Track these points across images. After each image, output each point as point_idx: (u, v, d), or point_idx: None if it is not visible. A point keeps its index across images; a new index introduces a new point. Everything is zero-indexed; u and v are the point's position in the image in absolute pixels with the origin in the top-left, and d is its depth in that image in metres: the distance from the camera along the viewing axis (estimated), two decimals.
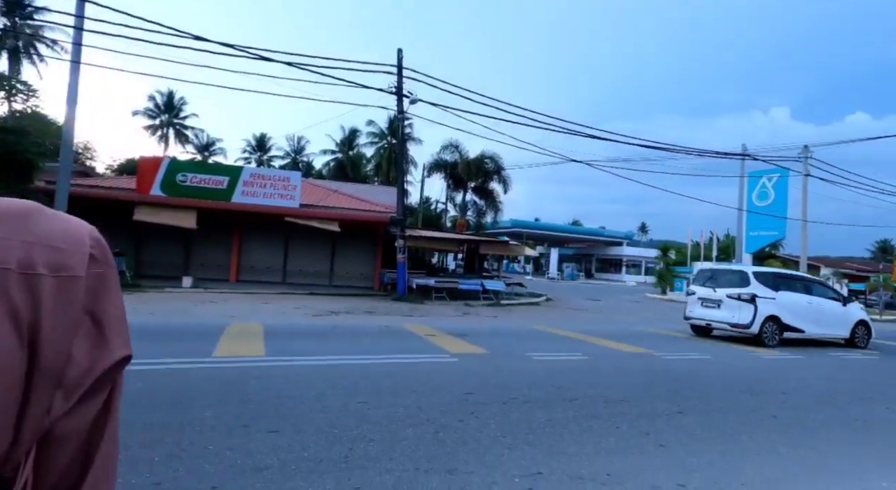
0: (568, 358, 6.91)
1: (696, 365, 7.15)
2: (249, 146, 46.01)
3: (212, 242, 17.04)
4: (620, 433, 3.84)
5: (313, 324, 9.03)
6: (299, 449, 3.16)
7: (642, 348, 8.19)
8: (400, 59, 15.13)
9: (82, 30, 10.91)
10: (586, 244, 53.06)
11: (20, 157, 11.76)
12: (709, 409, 4.76)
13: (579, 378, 5.67)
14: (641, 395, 5.11)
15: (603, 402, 4.68)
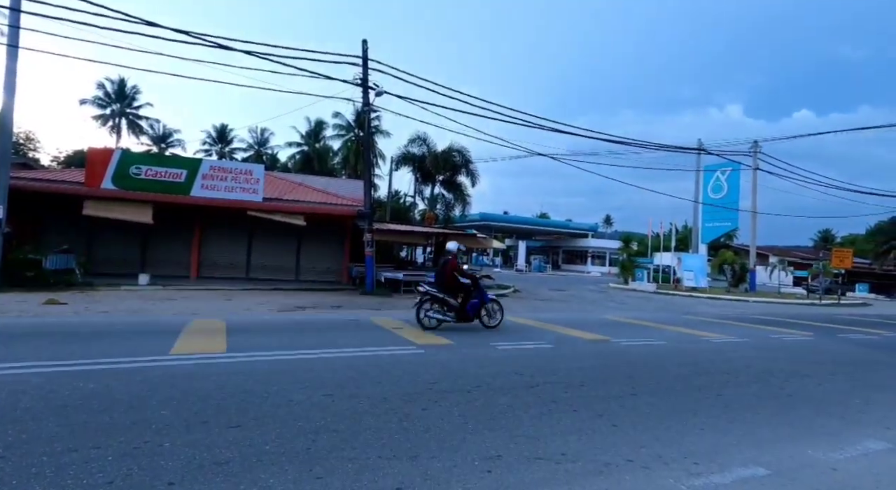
0: (532, 346, 7.10)
1: (651, 349, 7.50)
2: (210, 138, 44.31)
3: (170, 238, 16.41)
4: (577, 416, 4.01)
5: (278, 319, 8.89)
6: (261, 442, 3.15)
7: (603, 336, 8.51)
8: (365, 50, 14.92)
9: (19, 11, 10.20)
10: (553, 236, 54.27)
11: None
12: (659, 389, 5.02)
13: (542, 365, 5.86)
14: (599, 379, 5.34)
15: (563, 388, 4.86)
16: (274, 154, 44.87)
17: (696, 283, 25.33)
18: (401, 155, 23.94)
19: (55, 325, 7.19)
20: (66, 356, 5.08)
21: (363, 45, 14.93)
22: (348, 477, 2.74)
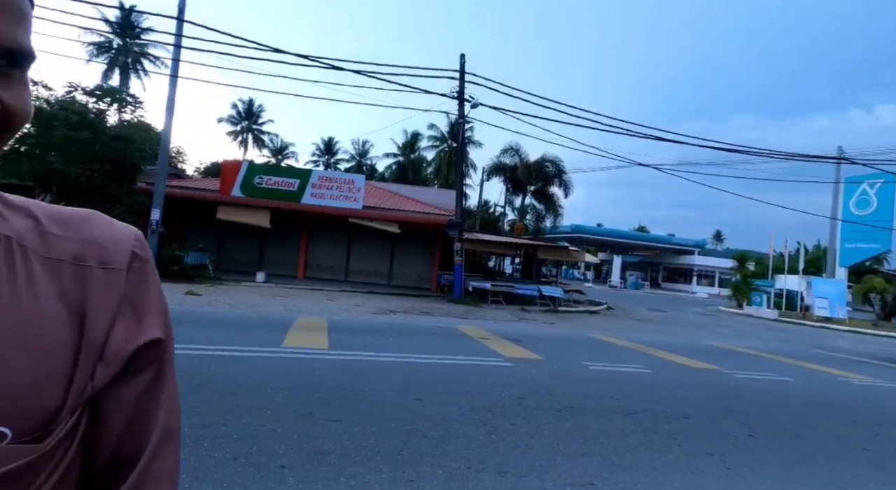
0: (627, 370, 6.66)
1: (773, 386, 6.60)
2: (318, 150, 48.56)
3: (282, 241, 18.23)
4: (681, 451, 3.67)
5: (373, 321, 9.40)
6: (359, 438, 3.35)
7: (711, 365, 7.69)
8: (462, 64, 15.34)
9: (180, 47, 12.17)
10: (653, 252, 50.24)
11: (127, 162, 13.31)
12: (784, 433, 4.40)
13: (639, 391, 5.46)
14: (707, 413, 4.83)
15: (664, 418, 4.48)
16: (373, 164, 47.84)
17: (831, 312, 21.75)
18: (492, 165, 24.09)
19: (192, 313, 8.37)
20: (201, 341, 5.88)
21: (461, 59, 15.37)
22: (438, 484, 2.80)
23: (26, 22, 0.39)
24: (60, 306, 0.45)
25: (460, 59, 15.38)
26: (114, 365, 0.47)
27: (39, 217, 0.48)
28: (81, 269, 0.47)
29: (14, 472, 0.41)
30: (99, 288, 0.47)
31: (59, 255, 0.47)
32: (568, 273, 46.59)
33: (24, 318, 0.43)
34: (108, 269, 0.48)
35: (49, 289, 0.45)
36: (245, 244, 18.26)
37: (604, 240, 46.83)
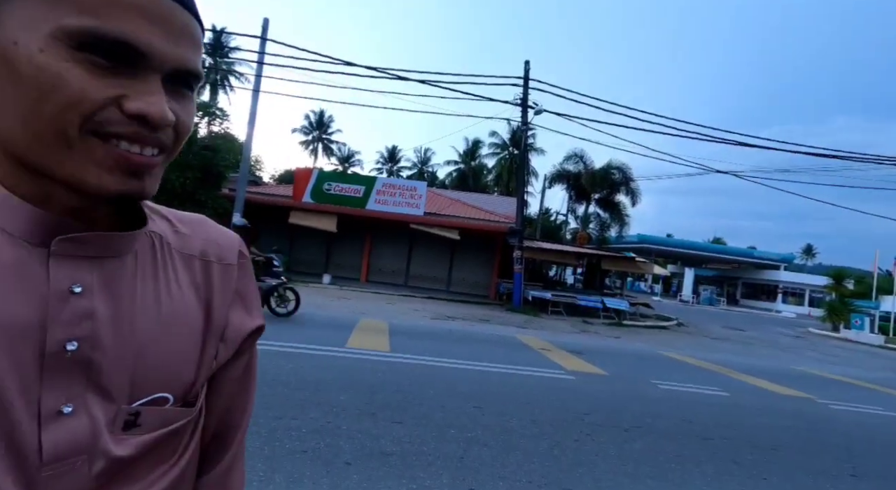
0: (702, 391, 6.17)
1: (878, 421, 5.82)
2: (382, 157, 50.30)
3: (347, 245, 19.00)
4: (769, 485, 3.32)
5: (432, 326, 9.50)
6: (419, 442, 3.38)
7: (801, 392, 6.93)
8: (527, 70, 15.22)
9: (263, 64, 13.16)
10: (730, 265, 46.31)
11: (214, 170, 14.59)
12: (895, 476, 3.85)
13: (716, 415, 5.04)
14: (799, 446, 4.34)
15: (747, 448, 4.09)
16: (434, 172, 48.70)
17: None
18: (555, 172, 23.57)
19: (264, 310, 8.93)
20: (272, 337, 6.26)
21: (525, 66, 15.26)
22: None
23: (200, 49, 0.44)
24: (193, 294, 0.52)
25: (525, 66, 15.27)
26: (231, 347, 0.54)
27: (171, 219, 0.55)
28: (206, 263, 0.54)
29: (178, 429, 0.48)
30: (219, 280, 0.54)
31: (191, 251, 0.54)
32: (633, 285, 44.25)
33: (175, 305, 0.50)
34: (224, 264, 0.56)
35: (186, 279, 0.52)
36: (313, 247, 19.24)
37: (673, 251, 44.02)
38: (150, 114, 0.39)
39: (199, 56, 0.44)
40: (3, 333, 0.39)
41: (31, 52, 0.38)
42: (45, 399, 0.40)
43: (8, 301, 0.39)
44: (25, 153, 0.40)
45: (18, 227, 0.41)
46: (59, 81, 0.37)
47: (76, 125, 0.38)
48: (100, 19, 0.37)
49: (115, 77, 0.39)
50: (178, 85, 0.42)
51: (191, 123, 0.45)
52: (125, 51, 0.38)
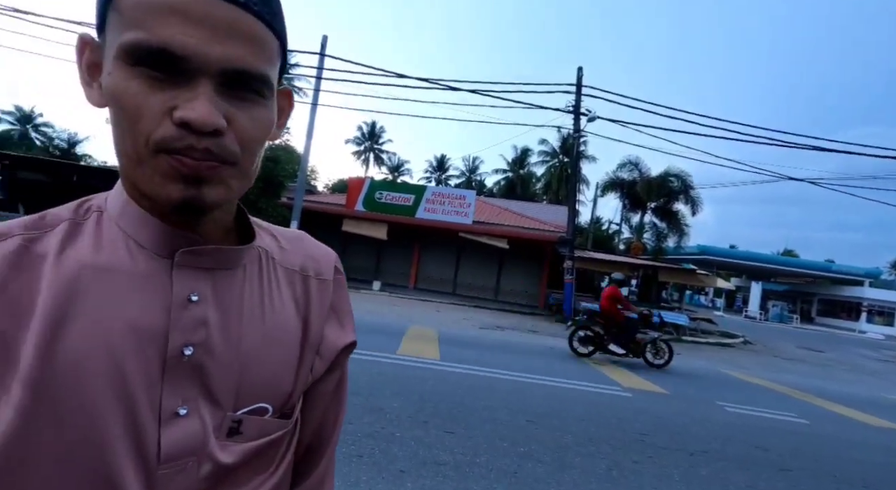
0: (776, 416, 5.68)
1: None
2: (431, 166, 51.00)
3: (396, 252, 19.36)
4: None
5: (481, 335, 9.43)
6: (472, 454, 3.34)
7: (895, 424, 6.20)
8: (579, 77, 14.93)
9: (321, 78, 13.80)
10: (804, 280, 42.49)
11: (275, 180, 15.42)
12: None
13: (794, 444, 4.61)
14: (894, 486, 3.87)
15: (831, 482, 3.70)
16: (482, 180, 48.71)
17: None
18: (608, 180, 22.85)
19: None
20: None
21: (578, 72, 14.98)
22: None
23: (259, 46, 0.41)
24: (293, 308, 0.53)
25: (577, 73, 14.99)
26: (325, 361, 0.55)
27: (276, 235, 0.57)
28: (305, 278, 0.56)
29: (276, 440, 0.49)
30: (316, 295, 0.56)
31: (292, 266, 0.55)
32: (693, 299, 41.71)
33: (278, 317, 0.51)
34: (320, 279, 0.57)
35: (287, 293, 0.53)
36: (364, 254, 19.76)
37: (738, 263, 41.08)
38: (191, 119, 0.37)
39: (259, 55, 0.40)
40: (135, 337, 0.41)
41: (106, 78, 0.40)
42: (165, 400, 0.42)
43: (141, 307, 0.42)
44: (125, 173, 0.42)
45: (150, 241, 0.44)
46: (123, 100, 0.38)
47: (142, 142, 0.38)
48: (145, 30, 0.37)
49: (169, 88, 0.38)
50: (239, 89, 0.40)
51: (258, 130, 0.42)
52: (169, 58, 0.37)
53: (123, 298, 0.42)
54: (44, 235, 0.43)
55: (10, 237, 0.42)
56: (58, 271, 0.41)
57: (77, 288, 0.41)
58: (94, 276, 0.42)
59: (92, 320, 0.40)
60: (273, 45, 0.42)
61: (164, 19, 0.37)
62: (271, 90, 0.43)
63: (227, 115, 0.39)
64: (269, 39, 0.42)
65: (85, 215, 0.46)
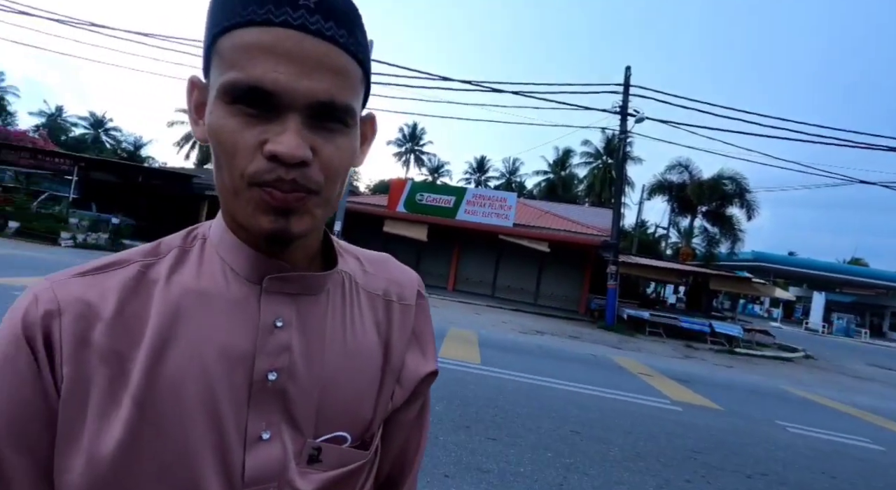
0: (845, 440, 5.26)
1: None
2: (471, 168, 50.97)
3: (436, 253, 19.47)
4: None
5: (521, 340, 9.31)
6: (515, 462, 3.30)
7: None
8: (627, 76, 14.48)
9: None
10: (874, 291, 39.09)
11: None
12: None
13: (867, 473, 4.24)
14: None
15: None
16: (522, 182, 48.19)
17: None
18: (655, 183, 21.94)
19: None
20: None
21: (626, 71, 14.53)
22: None
23: (345, 78, 0.42)
24: (375, 332, 0.53)
25: (625, 72, 14.54)
26: (406, 390, 0.54)
27: (360, 258, 0.58)
28: (388, 302, 0.55)
29: (354, 470, 0.48)
30: (398, 320, 0.55)
31: (375, 290, 0.55)
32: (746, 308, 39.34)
33: (359, 343, 0.51)
34: (403, 304, 0.56)
35: (370, 318, 0.53)
36: (404, 255, 20.00)
37: (797, 271, 38.38)
38: (279, 152, 0.39)
39: (344, 86, 0.42)
40: (226, 360, 0.43)
41: (208, 116, 0.42)
42: (250, 424, 0.43)
43: (232, 332, 0.44)
44: (224, 204, 0.44)
45: (243, 267, 0.46)
46: (221, 137, 0.40)
47: (238, 176, 0.41)
48: (240, 70, 0.39)
49: (262, 123, 0.40)
50: (324, 119, 0.41)
51: (342, 159, 0.43)
52: (261, 95, 0.39)
53: (218, 323, 0.44)
54: (157, 262, 0.46)
55: (130, 264, 0.46)
56: (165, 296, 0.44)
57: (179, 312, 0.43)
58: (194, 300, 0.44)
59: (190, 344, 0.42)
60: (357, 75, 0.43)
61: (256, 59, 0.39)
62: (354, 119, 0.44)
63: (313, 145, 0.41)
64: (354, 70, 0.43)
65: (192, 243, 0.49)
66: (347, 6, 0.42)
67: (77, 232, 13.27)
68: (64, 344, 0.40)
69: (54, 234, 12.91)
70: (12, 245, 11.29)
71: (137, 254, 0.47)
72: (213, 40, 0.41)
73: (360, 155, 0.49)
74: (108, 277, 0.44)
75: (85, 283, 0.43)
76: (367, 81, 0.46)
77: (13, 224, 12.94)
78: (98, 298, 0.42)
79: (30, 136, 22.64)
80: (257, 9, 0.39)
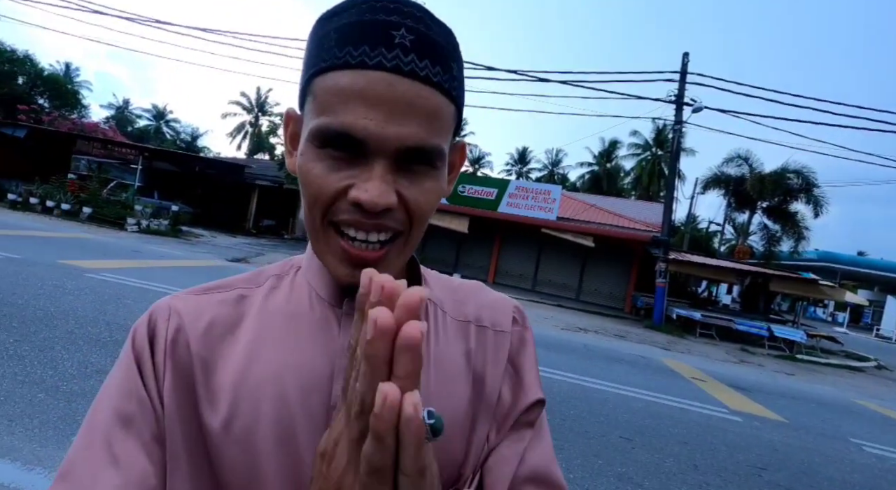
0: None
1: None
2: (512, 159, 50.24)
3: (476, 245, 19.37)
4: None
5: (563, 338, 9.08)
6: (564, 469, 3.17)
7: None
8: (685, 63, 13.66)
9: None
10: None
11: None
12: None
13: None
14: None
15: None
16: (565, 174, 47.00)
17: None
18: (710, 176, 20.71)
19: None
20: None
21: (683, 58, 13.70)
22: None
23: (435, 120, 0.40)
24: (464, 363, 0.49)
25: (682, 59, 13.72)
26: (504, 426, 0.49)
27: (450, 287, 0.55)
28: (480, 329, 0.52)
29: None
30: (492, 348, 0.51)
31: (465, 317, 0.52)
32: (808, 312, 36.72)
33: (447, 375, 0.47)
34: (497, 330, 0.52)
35: (458, 348, 0.50)
36: (445, 247, 20.05)
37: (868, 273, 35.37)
38: (363, 200, 0.39)
39: (434, 128, 0.40)
40: (305, 382, 0.43)
41: (299, 157, 0.43)
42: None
43: (312, 354, 0.44)
44: (310, 241, 0.46)
45: (326, 292, 0.47)
46: (308, 179, 0.41)
47: (319, 217, 0.41)
48: (331, 115, 0.39)
49: (349, 168, 0.40)
50: (411, 162, 0.41)
51: (427, 202, 0.42)
52: (350, 141, 0.39)
53: (300, 345, 0.45)
54: (257, 288, 0.50)
55: (233, 289, 0.50)
56: (259, 317, 0.47)
57: (267, 333, 0.45)
58: (282, 322, 0.46)
59: (272, 363, 0.44)
60: (449, 113, 0.43)
61: (348, 104, 0.39)
62: (443, 159, 0.43)
63: (398, 189, 0.40)
64: (446, 108, 0.42)
65: (288, 271, 0.52)
66: (446, 39, 0.42)
67: (141, 218, 14.15)
68: (168, 348, 0.44)
69: (121, 219, 13.83)
70: (85, 229, 12.19)
71: (240, 281, 0.51)
72: (309, 79, 0.42)
73: (448, 186, 0.48)
74: (211, 298, 0.48)
75: (191, 301, 0.47)
76: (459, 115, 0.45)
77: (87, 210, 13.97)
78: (197, 313, 0.46)
79: (101, 128, 24.34)
80: (353, 50, 0.39)
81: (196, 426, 0.42)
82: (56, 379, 3.20)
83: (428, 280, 0.54)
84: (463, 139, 0.51)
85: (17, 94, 22.11)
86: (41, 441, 2.45)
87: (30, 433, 2.50)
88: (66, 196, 14.21)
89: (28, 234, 9.53)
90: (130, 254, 9.30)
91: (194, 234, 15.99)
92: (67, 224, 12.70)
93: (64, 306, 4.84)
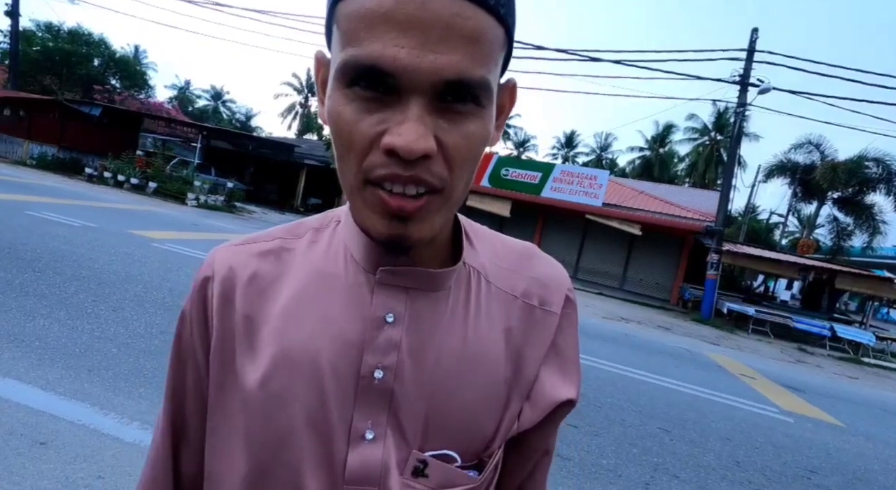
0: None
1: None
2: (558, 143, 48.79)
3: (519, 230, 19.11)
4: None
5: (604, 326, 8.90)
6: (597, 454, 3.16)
7: None
8: (753, 40, 12.63)
9: None
10: None
11: None
12: None
13: None
14: None
15: None
16: (613, 159, 45.17)
17: None
18: (775, 163, 19.23)
19: None
20: None
21: (751, 35, 12.66)
22: None
23: (480, 45, 0.34)
24: (503, 339, 0.45)
25: (750, 36, 12.68)
26: (538, 411, 0.46)
27: (497, 248, 0.50)
28: (527, 307, 0.47)
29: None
30: (537, 328, 0.47)
31: (512, 291, 0.47)
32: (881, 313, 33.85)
33: (482, 347, 0.44)
34: (545, 310, 0.48)
35: (499, 322, 0.46)
36: None
37: None
38: (398, 147, 0.33)
39: (478, 56, 0.33)
40: (336, 350, 0.41)
41: (327, 100, 0.38)
42: (355, 420, 0.41)
43: (345, 321, 0.42)
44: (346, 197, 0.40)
45: (361, 256, 0.44)
46: (338, 126, 0.35)
47: (354, 172, 0.36)
48: (357, 46, 0.33)
49: (381, 110, 0.34)
50: (452, 100, 0.34)
51: (471, 148, 0.36)
52: (378, 76, 0.33)
53: (334, 308, 0.43)
54: (297, 240, 0.48)
55: (274, 239, 0.48)
56: (297, 275, 0.45)
57: (304, 292, 0.44)
58: (318, 280, 0.45)
59: (307, 325, 0.43)
60: (498, 37, 0.35)
61: (375, 30, 0.32)
62: (490, 95, 0.36)
63: (437, 133, 0.34)
64: (493, 31, 0.34)
65: (328, 223, 0.49)
66: None
67: (200, 194, 15.00)
68: (215, 301, 0.45)
69: (182, 194, 14.74)
70: (151, 202, 13.10)
71: (280, 231, 0.49)
72: (333, 7, 0.36)
73: (496, 132, 0.40)
74: (253, 248, 0.48)
75: (234, 251, 0.48)
76: (509, 43, 0.37)
77: (152, 184, 14.98)
78: (241, 265, 0.46)
79: (166, 107, 25.82)
80: None
81: (232, 378, 0.43)
82: (126, 336, 3.52)
83: (473, 242, 0.48)
84: (514, 79, 0.43)
85: (93, 75, 23.79)
86: (115, 390, 2.72)
87: (105, 383, 2.78)
88: (135, 171, 15.28)
89: (103, 205, 10.37)
90: (190, 226, 9.94)
91: (247, 210, 16.81)
92: (136, 197, 13.68)
93: (133, 272, 5.28)
